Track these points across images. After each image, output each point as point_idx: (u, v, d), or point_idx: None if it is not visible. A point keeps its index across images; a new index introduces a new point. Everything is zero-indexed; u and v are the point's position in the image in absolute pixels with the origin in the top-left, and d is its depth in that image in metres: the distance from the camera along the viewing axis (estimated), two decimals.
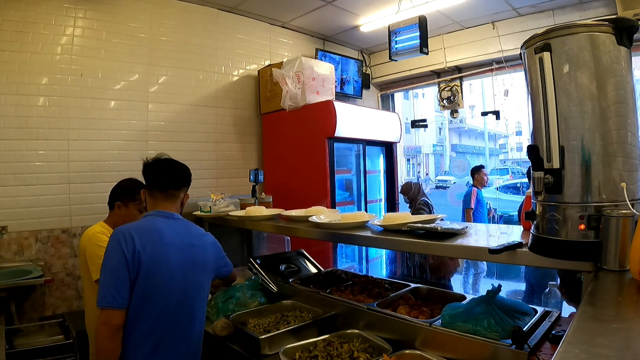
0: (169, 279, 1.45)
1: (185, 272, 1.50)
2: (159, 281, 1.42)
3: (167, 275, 1.44)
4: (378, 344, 1.49)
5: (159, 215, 1.56)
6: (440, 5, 3.72)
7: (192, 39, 3.60)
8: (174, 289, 1.46)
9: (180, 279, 1.48)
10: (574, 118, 1.01)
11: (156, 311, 1.41)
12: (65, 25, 2.93)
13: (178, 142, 3.49)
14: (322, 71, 3.75)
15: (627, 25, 0.99)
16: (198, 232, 1.66)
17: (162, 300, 1.43)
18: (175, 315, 1.46)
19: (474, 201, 4.70)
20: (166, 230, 1.51)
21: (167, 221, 1.55)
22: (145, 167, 1.67)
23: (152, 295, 1.41)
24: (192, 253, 1.55)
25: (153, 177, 1.64)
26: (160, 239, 1.47)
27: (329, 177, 3.48)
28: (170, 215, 1.58)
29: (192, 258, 1.54)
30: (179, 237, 1.53)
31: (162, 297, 1.43)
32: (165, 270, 1.44)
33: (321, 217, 1.95)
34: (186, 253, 1.53)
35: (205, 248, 1.62)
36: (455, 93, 4.78)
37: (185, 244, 1.54)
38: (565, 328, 1.31)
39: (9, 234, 2.68)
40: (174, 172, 1.69)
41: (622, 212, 0.95)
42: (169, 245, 1.48)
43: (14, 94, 2.73)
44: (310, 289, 2.01)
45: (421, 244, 1.44)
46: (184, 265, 1.50)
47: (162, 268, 1.44)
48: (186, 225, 1.62)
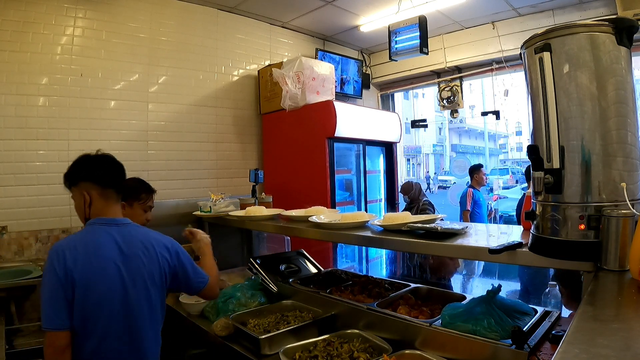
0: (108, 296, 1.32)
1: (127, 289, 1.35)
2: (97, 299, 1.30)
3: (105, 292, 1.32)
4: (378, 344, 1.49)
5: (99, 222, 1.41)
6: (440, 5, 3.72)
7: (192, 39, 3.60)
8: (114, 307, 1.33)
9: (121, 297, 1.34)
10: (574, 118, 1.01)
11: (99, 331, 1.31)
12: (65, 25, 2.92)
13: (178, 142, 3.49)
14: (322, 71, 3.75)
15: (627, 25, 1.00)
16: (148, 239, 1.48)
17: (103, 319, 1.31)
18: (120, 335, 1.35)
19: (470, 203, 4.60)
20: (105, 242, 1.37)
21: (108, 229, 1.40)
22: (96, 163, 1.50)
23: (92, 315, 1.30)
24: (137, 265, 1.39)
25: (111, 174, 1.49)
26: (96, 253, 1.34)
27: (329, 177, 3.48)
28: (113, 222, 1.43)
29: (136, 271, 1.39)
30: (120, 248, 1.38)
31: (103, 316, 1.31)
32: (102, 288, 1.31)
33: (321, 217, 1.95)
34: (129, 266, 1.37)
35: (153, 258, 1.44)
36: (455, 93, 4.78)
37: (128, 256, 1.38)
38: (565, 328, 1.31)
39: (9, 234, 2.68)
40: (120, 170, 1.54)
41: (622, 212, 0.95)
42: (107, 260, 1.34)
43: (14, 94, 2.73)
44: (310, 289, 2.01)
45: (421, 244, 1.44)
46: (126, 281, 1.36)
47: (98, 286, 1.31)
48: (133, 232, 1.46)
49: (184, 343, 2.25)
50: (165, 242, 1.54)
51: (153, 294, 1.44)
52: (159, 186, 3.35)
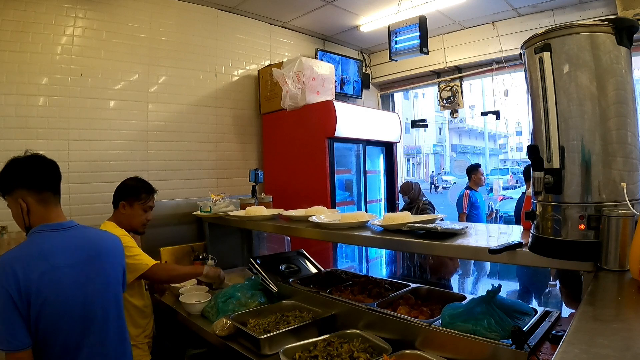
0: (66, 305, 1.27)
1: (84, 294, 1.31)
2: (56, 311, 1.25)
3: (63, 302, 1.26)
4: (378, 344, 1.49)
5: (45, 229, 1.33)
6: (440, 5, 3.72)
7: (192, 39, 3.60)
8: (75, 315, 1.29)
9: (80, 303, 1.30)
10: (574, 118, 1.01)
11: (60, 342, 1.26)
12: (65, 25, 2.93)
13: (178, 142, 3.49)
14: (322, 71, 3.75)
15: (627, 25, 0.99)
16: (100, 239, 1.45)
17: (64, 330, 1.27)
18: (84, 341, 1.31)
19: (467, 205, 4.51)
20: (55, 249, 1.30)
21: (55, 235, 1.33)
22: (20, 164, 1.41)
23: (52, 327, 1.25)
24: (92, 268, 1.35)
25: (45, 176, 1.39)
26: (47, 262, 1.26)
27: (329, 177, 3.48)
28: (60, 226, 1.35)
29: (93, 273, 1.35)
30: (72, 253, 1.32)
31: (64, 327, 1.27)
32: (60, 298, 1.26)
33: (321, 217, 1.95)
34: (84, 270, 1.33)
35: (109, 257, 1.43)
36: (455, 93, 4.78)
37: (81, 260, 1.33)
38: (565, 328, 1.31)
39: (9, 234, 2.68)
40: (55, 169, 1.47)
41: (622, 212, 0.95)
42: (60, 268, 1.27)
43: (14, 94, 2.73)
44: (310, 289, 2.01)
45: (421, 244, 1.44)
46: (83, 286, 1.31)
47: (56, 296, 1.25)
48: (81, 234, 1.40)
49: (184, 343, 2.25)
50: (114, 239, 1.52)
51: (112, 293, 1.43)
52: (159, 186, 3.34)
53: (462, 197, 4.58)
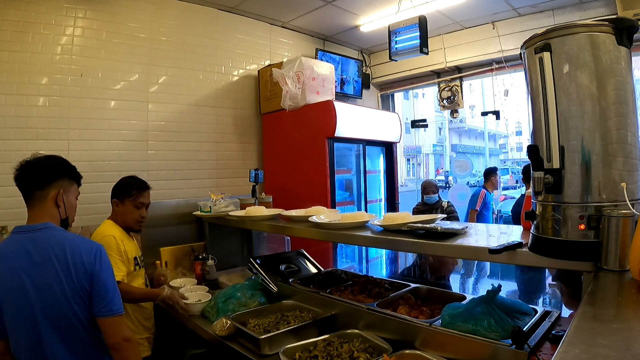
0: (16, 308, 1.28)
1: (32, 299, 1.28)
2: (9, 312, 1.29)
3: (13, 304, 1.28)
4: (378, 344, 1.49)
5: (15, 232, 1.36)
6: (440, 5, 3.72)
7: (192, 39, 3.60)
8: (25, 319, 1.28)
9: (28, 307, 1.28)
10: (574, 118, 1.01)
11: (22, 342, 1.30)
12: (65, 25, 2.92)
13: (178, 142, 3.49)
14: (322, 71, 3.75)
15: (627, 25, 0.99)
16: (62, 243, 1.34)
17: (19, 331, 1.30)
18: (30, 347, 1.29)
19: (480, 203, 4.56)
20: (11, 252, 1.31)
21: (20, 237, 1.33)
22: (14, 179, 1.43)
23: (10, 327, 1.30)
24: (47, 272, 1.29)
25: (17, 183, 1.40)
26: (4, 264, 1.30)
27: (329, 177, 3.48)
28: (29, 229, 1.35)
29: (46, 279, 1.29)
30: (29, 256, 1.29)
31: (19, 328, 1.29)
32: (11, 300, 1.28)
33: (321, 217, 1.95)
34: (37, 275, 1.28)
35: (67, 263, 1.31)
36: (455, 93, 4.78)
37: (38, 263, 1.29)
38: (565, 328, 1.31)
39: (9, 234, 2.68)
40: (32, 170, 1.41)
41: (622, 212, 0.95)
42: (11, 270, 1.28)
43: (14, 94, 2.73)
44: (310, 289, 2.01)
45: (421, 244, 1.44)
46: (31, 291, 1.28)
47: (7, 298, 1.28)
48: (46, 237, 1.34)
49: (184, 343, 2.25)
50: (83, 246, 1.37)
51: (66, 304, 1.30)
52: (159, 186, 3.36)
53: (478, 195, 4.63)
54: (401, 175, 15.23)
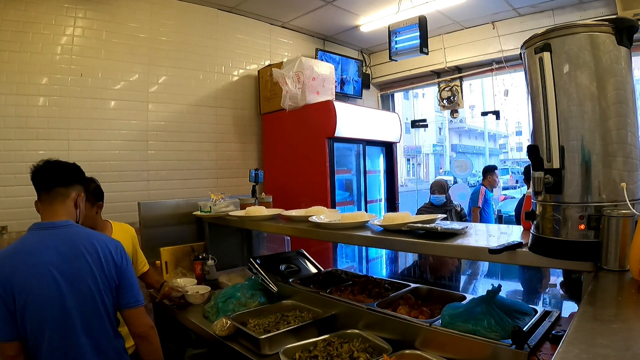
0: (46, 303, 1.29)
1: (64, 294, 1.31)
2: (37, 307, 1.28)
3: (42, 299, 1.29)
4: (378, 344, 1.48)
5: (36, 228, 1.38)
6: (440, 5, 3.72)
7: (192, 39, 3.60)
8: (55, 313, 1.30)
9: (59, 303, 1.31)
10: (574, 118, 1.01)
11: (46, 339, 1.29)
12: (65, 25, 2.93)
13: (178, 142, 3.49)
14: (322, 71, 3.75)
15: (627, 25, 0.99)
16: (90, 239, 1.41)
17: (47, 326, 1.29)
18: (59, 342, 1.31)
19: (482, 200, 4.59)
20: (40, 247, 1.33)
21: (44, 234, 1.36)
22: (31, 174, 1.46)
23: (36, 323, 1.28)
24: (78, 268, 1.34)
25: (36, 178, 1.44)
26: (30, 259, 1.30)
27: (329, 177, 3.48)
28: (51, 225, 1.38)
29: (77, 274, 1.34)
30: (58, 251, 1.33)
31: (47, 323, 1.29)
32: (40, 295, 1.28)
33: (321, 217, 1.95)
34: (67, 270, 1.33)
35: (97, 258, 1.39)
36: (455, 93, 4.78)
37: (68, 258, 1.34)
38: (565, 328, 1.31)
39: (9, 234, 2.68)
40: (57, 167, 1.46)
41: (622, 212, 0.95)
42: (41, 265, 1.30)
43: (14, 94, 2.73)
44: (310, 289, 2.01)
45: (421, 244, 1.44)
46: (63, 285, 1.31)
47: (36, 293, 1.28)
48: (73, 233, 1.41)
49: (184, 343, 2.25)
50: (109, 242, 1.47)
51: (98, 297, 1.37)
52: (159, 186, 3.37)
53: (479, 192, 4.66)
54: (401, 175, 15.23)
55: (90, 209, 1.91)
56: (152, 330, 1.50)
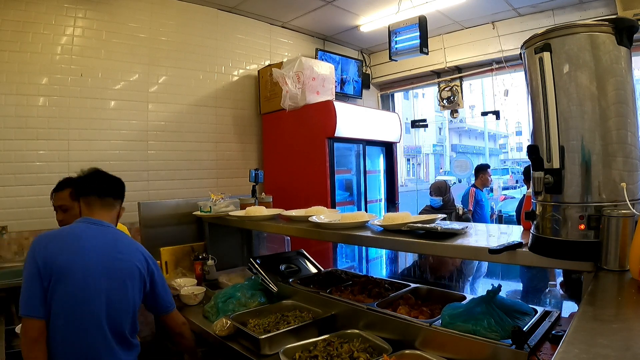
0: (87, 284, 1.38)
1: (105, 283, 1.42)
2: (73, 288, 1.36)
3: (82, 283, 1.37)
4: (378, 344, 1.48)
5: (85, 221, 1.52)
6: (440, 5, 3.72)
7: (192, 39, 3.60)
8: (94, 295, 1.39)
9: (101, 290, 1.41)
10: (574, 118, 1.01)
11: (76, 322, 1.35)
12: (65, 25, 2.93)
13: (178, 142, 3.49)
14: (322, 71, 3.75)
15: (627, 25, 0.99)
16: (128, 242, 1.58)
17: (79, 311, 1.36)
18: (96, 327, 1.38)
19: (472, 202, 4.52)
20: (87, 236, 1.46)
21: (91, 227, 1.50)
22: (83, 176, 1.63)
23: (69, 304, 1.35)
24: (121, 264, 1.48)
25: (92, 183, 1.60)
26: (78, 244, 1.42)
27: (329, 177, 3.48)
28: (99, 223, 1.53)
29: (120, 269, 1.47)
30: (102, 244, 1.47)
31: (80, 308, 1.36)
32: (81, 277, 1.37)
33: (321, 217, 1.95)
34: (110, 259, 1.46)
35: (133, 259, 1.53)
36: (455, 93, 4.78)
37: (109, 251, 1.47)
38: (565, 328, 1.31)
39: (9, 234, 2.68)
40: (113, 181, 1.66)
41: (622, 212, 0.95)
42: (89, 251, 1.42)
43: (14, 94, 2.73)
44: (310, 289, 2.00)
45: (421, 244, 1.44)
46: (108, 272, 1.43)
47: (77, 275, 1.37)
48: (118, 234, 1.56)
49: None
50: (142, 248, 1.61)
51: (131, 298, 1.49)
52: (159, 186, 3.37)
53: (468, 195, 4.60)
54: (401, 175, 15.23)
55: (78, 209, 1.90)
56: (185, 326, 1.72)
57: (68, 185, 1.96)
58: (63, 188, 1.98)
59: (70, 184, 1.95)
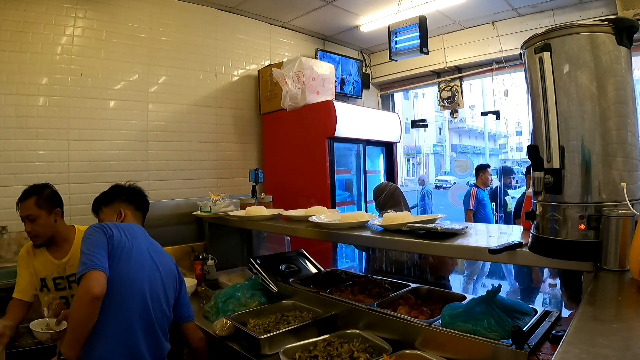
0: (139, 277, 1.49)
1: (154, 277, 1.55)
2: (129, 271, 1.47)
3: (136, 268, 1.49)
4: (378, 344, 1.48)
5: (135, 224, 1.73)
6: (440, 5, 3.72)
7: (192, 39, 3.60)
8: (143, 282, 1.50)
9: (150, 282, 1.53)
10: (574, 118, 1.01)
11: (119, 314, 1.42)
12: (65, 25, 2.92)
13: (178, 142, 3.49)
14: (322, 71, 3.75)
15: (627, 25, 1.00)
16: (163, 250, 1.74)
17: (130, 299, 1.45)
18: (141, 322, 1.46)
19: (474, 202, 4.56)
20: (140, 234, 1.65)
21: (141, 229, 1.71)
22: (135, 190, 1.89)
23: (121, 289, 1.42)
24: (165, 261, 1.66)
25: (143, 201, 1.87)
26: (135, 238, 1.57)
27: (329, 177, 3.48)
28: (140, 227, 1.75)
29: (162, 267, 1.61)
30: (150, 243, 1.66)
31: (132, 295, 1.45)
32: (137, 269, 1.49)
33: (321, 217, 1.95)
34: (156, 256, 1.62)
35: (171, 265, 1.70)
36: (455, 93, 4.78)
37: (154, 251, 1.64)
38: (565, 328, 1.31)
39: (9, 234, 2.68)
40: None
41: (622, 212, 0.95)
42: (142, 244, 1.58)
43: (14, 94, 2.73)
44: (310, 289, 2.01)
45: (421, 244, 1.44)
46: (153, 266, 1.57)
47: (132, 262, 1.49)
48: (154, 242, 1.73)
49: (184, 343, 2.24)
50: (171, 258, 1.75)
51: (170, 292, 1.62)
52: (159, 186, 3.36)
53: (470, 194, 4.61)
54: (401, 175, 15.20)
55: (47, 217, 1.85)
56: (202, 342, 1.75)
57: (33, 193, 1.87)
58: (28, 197, 1.87)
59: (35, 192, 1.87)
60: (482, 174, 4.76)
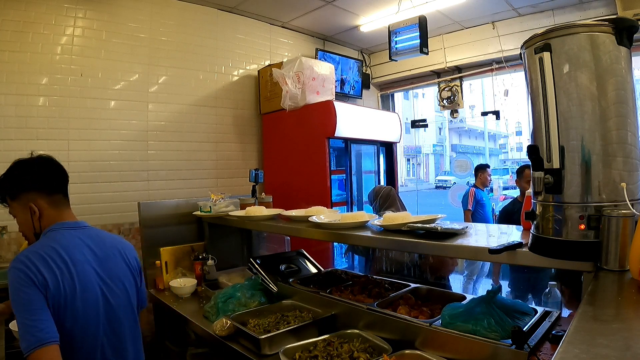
0: (91, 303, 1.24)
1: (106, 293, 1.29)
2: (81, 308, 1.20)
3: (88, 300, 1.23)
4: (378, 344, 1.48)
5: (62, 227, 1.30)
6: (440, 5, 3.72)
7: (192, 39, 3.60)
8: (99, 314, 1.26)
9: (104, 302, 1.27)
10: (574, 118, 1.01)
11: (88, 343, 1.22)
12: (65, 25, 2.93)
13: (178, 142, 3.49)
14: (322, 71, 3.75)
15: (627, 25, 0.99)
16: (115, 240, 1.45)
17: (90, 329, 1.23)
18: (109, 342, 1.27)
19: (472, 202, 4.52)
20: (77, 245, 1.27)
21: (74, 234, 1.31)
22: (41, 169, 1.37)
23: (78, 326, 1.20)
24: (113, 267, 1.34)
25: (54, 177, 1.38)
26: (71, 258, 1.22)
27: (329, 177, 3.48)
28: (76, 225, 1.34)
29: (113, 273, 1.33)
30: (92, 251, 1.30)
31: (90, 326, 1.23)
32: (85, 296, 1.22)
33: (321, 217, 1.95)
34: (105, 269, 1.31)
35: (125, 258, 1.41)
36: (455, 93, 4.78)
37: (102, 258, 1.32)
38: (565, 328, 1.31)
39: (8, 234, 2.68)
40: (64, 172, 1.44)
41: (622, 212, 0.95)
42: (84, 264, 1.25)
43: (14, 94, 2.73)
44: (310, 289, 2.01)
45: (421, 244, 1.44)
46: (104, 285, 1.29)
47: (80, 294, 1.21)
48: (99, 234, 1.40)
49: (185, 343, 2.25)
50: (129, 244, 1.50)
51: (132, 295, 1.40)
52: (159, 186, 3.37)
53: (468, 195, 4.59)
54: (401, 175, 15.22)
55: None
56: None
57: None
58: None
59: None
60: (481, 174, 4.74)
